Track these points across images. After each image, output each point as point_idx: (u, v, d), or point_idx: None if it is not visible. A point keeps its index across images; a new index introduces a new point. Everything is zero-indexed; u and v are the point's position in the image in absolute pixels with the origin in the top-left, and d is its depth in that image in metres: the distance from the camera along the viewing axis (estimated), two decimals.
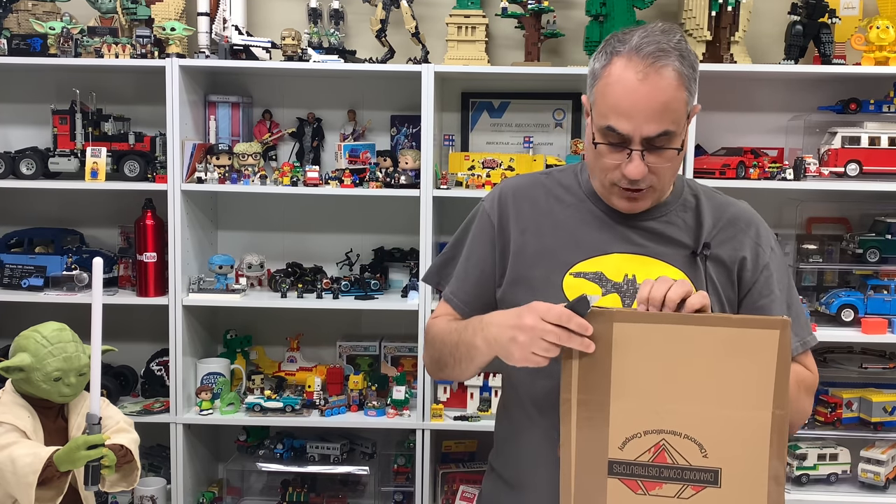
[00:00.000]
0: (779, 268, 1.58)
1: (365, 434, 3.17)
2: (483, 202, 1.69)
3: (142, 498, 2.96)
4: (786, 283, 1.59)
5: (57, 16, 3.01)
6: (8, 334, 2.38)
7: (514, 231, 1.62)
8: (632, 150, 1.44)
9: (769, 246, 1.58)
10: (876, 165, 2.87)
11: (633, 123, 1.42)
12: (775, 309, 1.55)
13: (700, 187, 1.64)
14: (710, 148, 3.06)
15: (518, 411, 1.63)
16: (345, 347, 3.20)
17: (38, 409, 2.06)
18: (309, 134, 3.19)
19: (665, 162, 1.46)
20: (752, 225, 1.58)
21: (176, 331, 2.93)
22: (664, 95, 1.41)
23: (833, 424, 2.96)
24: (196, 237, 3.06)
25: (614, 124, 1.43)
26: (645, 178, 1.46)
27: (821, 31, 2.90)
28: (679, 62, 1.43)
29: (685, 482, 1.30)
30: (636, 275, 1.53)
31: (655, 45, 1.42)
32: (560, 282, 1.55)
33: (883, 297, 2.89)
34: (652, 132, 1.42)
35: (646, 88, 1.41)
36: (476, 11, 2.99)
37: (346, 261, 3.18)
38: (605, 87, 1.45)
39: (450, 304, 1.69)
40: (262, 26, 3.18)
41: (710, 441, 1.29)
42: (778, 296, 1.56)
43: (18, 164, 2.97)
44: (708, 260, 1.54)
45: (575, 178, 1.64)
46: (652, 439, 1.31)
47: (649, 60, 1.41)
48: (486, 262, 1.64)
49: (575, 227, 1.59)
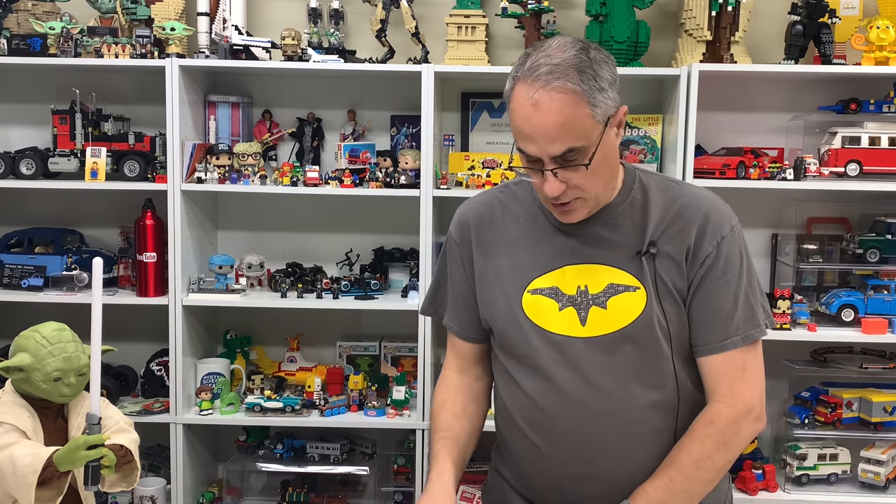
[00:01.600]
0: (729, 256, 1.54)
1: (365, 434, 3.16)
2: (450, 228, 1.75)
3: (142, 498, 2.96)
4: (737, 273, 1.55)
5: (57, 16, 3.00)
6: (8, 334, 2.38)
7: (477, 255, 1.68)
8: (544, 171, 1.47)
9: (718, 235, 1.54)
10: (876, 165, 2.87)
11: (537, 146, 1.45)
12: (718, 300, 1.53)
13: (654, 180, 1.62)
14: (710, 148, 3.06)
15: (507, 420, 1.68)
16: (345, 347, 3.20)
17: (38, 409, 2.06)
18: (309, 134, 3.19)
19: (580, 177, 1.47)
20: (700, 215, 1.56)
21: (176, 331, 2.93)
22: (559, 116, 1.42)
23: (833, 424, 2.96)
24: (196, 237, 3.06)
25: (523, 147, 1.47)
26: (566, 193, 1.49)
27: (821, 31, 2.90)
28: (574, 79, 1.42)
29: None
30: (588, 285, 1.56)
31: (547, 67, 1.43)
32: (520, 300, 1.60)
33: (883, 297, 2.89)
34: (556, 152, 1.44)
35: (539, 114, 1.42)
36: (476, 11, 2.99)
37: (346, 261, 3.18)
38: (511, 113, 1.49)
39: (451, 331, 1.77)
40: (262, 26, 3.18)
41: None
42: (722, 287, 1.54)
43: (18, 164, 2.97)
44: (656, 258, 1.54)
45: (530, 189, 1.66)
46: None
47: (539, 83, 1.42)
48: (465, 287, 1.71)
49: (529, 243, 1.62)
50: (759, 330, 1.57)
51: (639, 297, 1.53)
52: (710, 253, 1.54)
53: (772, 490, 2.93)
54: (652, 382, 1.55)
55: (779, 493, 2.93)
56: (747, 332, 1.55)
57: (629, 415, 1.54)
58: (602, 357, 1.54)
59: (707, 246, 1.54)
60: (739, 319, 1.55)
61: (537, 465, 1.61)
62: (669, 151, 2.93)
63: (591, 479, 1.57)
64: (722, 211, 1.58)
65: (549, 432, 1.57)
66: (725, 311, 1.54)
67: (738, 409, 1.53)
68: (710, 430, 1.53)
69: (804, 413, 2.98)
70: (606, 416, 1.54)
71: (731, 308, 1.54)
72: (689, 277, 1.55)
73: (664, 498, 1.50)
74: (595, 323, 1.55)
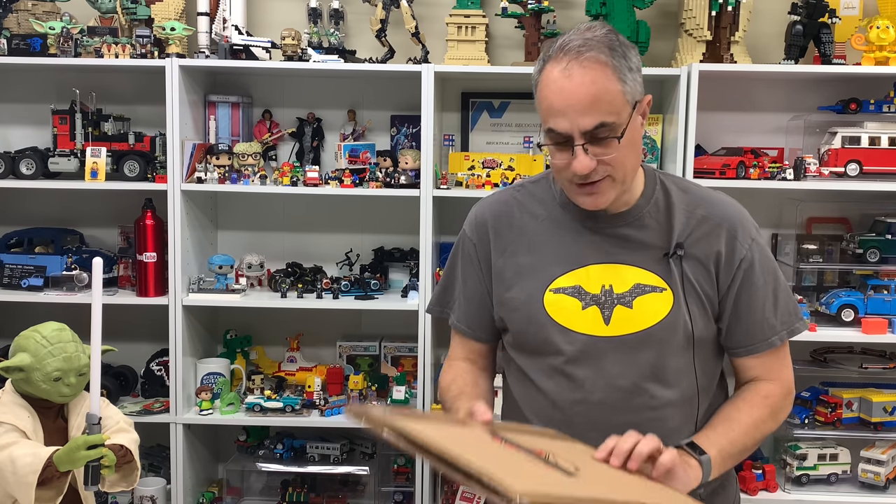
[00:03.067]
0: (761, 257, 1.59)
1: (365, 434, 3.16)
2: (465, 227, 1.73)
3: (142, 498, 2.96)
4: (771, 271, 1.60)
5: (57, 16, 3.01)
6: (8, 334, 2.38)
7: (495, 253, 1.66)
8: (574, 146, 1.45)
9: (748, 237, 1.58)
10: (876, 165, 2.87)
11: (568, 119, 1.44)
12: (759, 300, 1.57)
13: (674, 183, 1.63)
14: (710, 148, 3.06)
15: (515, 417, 1.66)
16: (345, 347, 3.20)
17: (38, 409, 2.06)
18: (309, 134, 3.19)
19: (610, 152, 1.46)
20: (727, 219, 1.58)
21: (176, 331, 2.93)
22: (592, 87, 1.43)
23: (833, 424, 2.95)
24: (196, 237, 3.06)
25: (553, 125, 1.46)
26: (596, 171, 1.47)
27: (821, 31, 2.90)
28: (606, 53, 1.44)
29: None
30: (612, 284, 1.55)
31: (579, 41, 1.45)
32: (541, 299, 1.58)
33: (883, 297, 2.89)
34: (588, 125, 1.44)
35: (572, 84, 1.43)
36: (476, 11, 2.99)
37: (346, 261, 3.18)
38: (540, 92, 1.49)
39: (458, 330, 1.75)
40: (262, 26, 3.18)
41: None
42: (761, 287, 1.58)
43: (18, 164, 2.97)
44: (683, 260, 1.55)
45: (549, 188, 1.66)
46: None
47: (572, 55, 1.44)
48: (479, 286, 1.69)
49: (550, 242, 1.61)
50: (801, 322, 1.63)
51: (665, 298, 1.54)
52: (746, 256, 1.57)
53: (772, 490, 2.93)
54: (672, 382, 1.55)
55: (779, 493, 2.93)
56: (792, 326, 1.61)
57: (649, 414, 1.54)
58: (624, 356, 1.54)
59: (741, 250, 1.56)
60: (783, 314, 1.59)
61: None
62: (669, 151, 2.93)
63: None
64: (744, 214, 1.62)
65: (567, 431, 1.55)
66: (768, 309, 1.58)
67: (786, 390, 1.62)
68: (766, 402, 1.58)
69: (804, 413, 2.98)
70: (626, 415, 1.53)
71: (772, 305, 1.59)
72: (725, 282, 1.57)
73: (724, 444, 1.52)
74: (620, 322, 1.54)
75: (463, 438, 1.29)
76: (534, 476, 1.19)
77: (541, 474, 1.20)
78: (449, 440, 1.21)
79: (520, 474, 1.17)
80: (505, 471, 1.13)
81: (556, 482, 1.19)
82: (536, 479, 1.18)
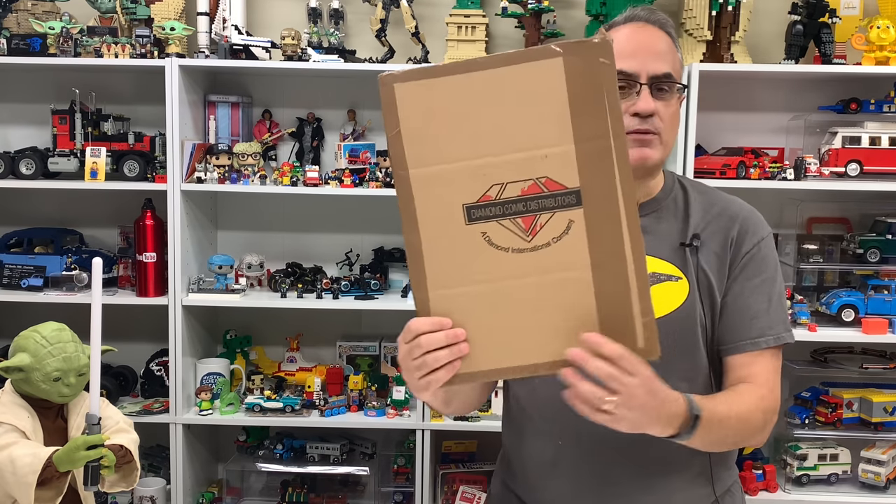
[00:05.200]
0: (765, 257, 1.57)
1: (365, 434, 3.16)
2: None
3: (141, 498, 2.96)
4: (771, 274, 1.57)
5: (56, 15, 3.00)
6: (8, 334, 2.38)
7: None
8: (640, 86, 1.48)
9: (758, 236, 1.57)
10: (876, 165, 2.87)
11: (638, 61, 1.48)
12: (754, 297, 1.54)
13: (689, 183, 1.64)
14: (711, 148, 3.06)
15: (522, 419, 1.63)
16: (345, 347, 3.20)
17: (38, 409, 2.06)
18: (309, 134, 3.19)
19: (670, 105, 1.50)
20: (742, 214, 1.58)
21: (175, 331, 2.93)
22: (663, 43, 1.51)
23: (833, 425, 2.95)
24: (196, 237, 3.06)
25: (622, 66, 1.44)
26: (653, 121, 1.49)
27: (821, 31, 2.90)
28: (668, 28, 1.53)
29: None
30: None
31: (647, 12, 1.54)
32: None
33: (883, 297, 2.88)
34: (658, 70, 1.48)
35: (646, 34, 1.51)
36: (476, 11, 2.99)
37: (346, 261, 3.18)
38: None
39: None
40: (261, 26, 3.18)
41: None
42: (758, 285, 1.55)
43: (18, 164, 2.97)
44: (700, 250, 1.54)
45: None
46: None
47: (644, 15, 1.53)
48: None
49: None
50: (789, 334, 1.57)
51: (681, 287, 1.53)
52: (751, 250, 1.55)
53: (772, 490, 2.92)
54: (686, 375, 1.52)
55: (779, 493, 2.93)
56: (780, 334, 1.56)
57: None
58: None
59: (749, 242, 1.56)
60: (774, 320, 1.55)
61: (558, 467, 1.56)
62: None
63: (615, 483, 1.53)
64: (759, 216, 1.61)
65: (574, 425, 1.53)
66: (761, 310, 1.54)
67: (775, 406, 1.53)
68: (760, 405, 1.50)
69: (804, 413, 2.97)
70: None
71: (765, 308, 1.55)
72: (728, 270, 1.55)
73: (723, 411, 1.41)
74: None
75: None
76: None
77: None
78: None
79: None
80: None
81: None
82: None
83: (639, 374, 1.19)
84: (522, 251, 1.18)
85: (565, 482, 1.56)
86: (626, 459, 1.52)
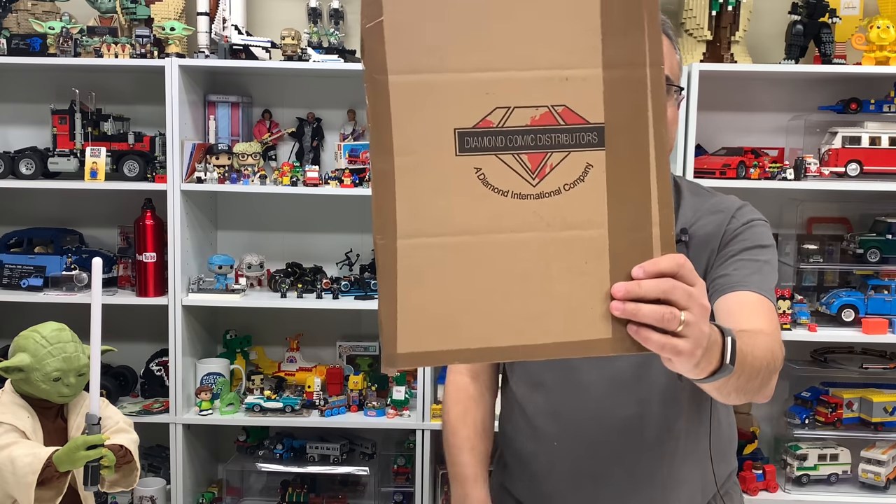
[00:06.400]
0: (753, 236, 1.51)
1: (365, 434, 3.16)
2: None
3: (141, 498, 2.96)
4: (757, 252, 1.50)
5: (56, 15, 3.00)
6: (7, 334, 2.37)
7: None
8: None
9: (746, 219, 1.53)
10: (876, 165, 2.87)
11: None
12: (735, 266, 1.47)
13: (686, 185, 1.62)
14: (711, 148, 3.06)
15: (519, 420, 1.63)
16: (345, 347, 3.19)
17: (38, 409, 2.05)
18: (309, 134, 3.19)
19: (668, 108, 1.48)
20: (734, 207, 1.56)
21: (175, 331, 2.93)
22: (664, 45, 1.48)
23: (833, 425, 2.95)
24: (196, 237, 3.06)
25: None
26: None
27: (821, 31, 2.90)
28: (666, 29, 1.51)
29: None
30: None
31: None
32: None
33: (883, 297, 2.88)
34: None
35: None
36: None
37: (346, 261, 3.18)
38: None
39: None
40: (261, 26, 3.18)
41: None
42: (745, 259, 1.48)
43: (18, 164, 2.97)
44: (689, 245, 1.52)
45: None
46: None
47: None
48: None
49: None
50: (773, 300, 1.46)
51: None
52: (739, 230, 1.52)
53: (772, 490, 2.92)
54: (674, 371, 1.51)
55: (779, 493, 2.93)
56: (762, 291, 1.44)
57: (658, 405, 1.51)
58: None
59: (734, 224, 1.52)
60: (755, 284, 1.44)
61: (555, 466, 1.56)
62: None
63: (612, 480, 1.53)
64: (752, 208, 1.58)
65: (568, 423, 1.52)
66: (743, 275, 1.45)
67: (781, 344, 1.40)
68: (769, 337, 1.36)
69: (804, 413, 2.97)
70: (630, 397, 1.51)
71: (747, 273, 1.46)
72: (717, 255, 1.51)
73: (746, 338, 1.20)
74: None
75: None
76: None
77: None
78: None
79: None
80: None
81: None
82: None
83: (698, 282, 0.96)
84: (525, 197, 0.93)
85: (562, 483, 1.56)
86: (623, 460, 1.53)
